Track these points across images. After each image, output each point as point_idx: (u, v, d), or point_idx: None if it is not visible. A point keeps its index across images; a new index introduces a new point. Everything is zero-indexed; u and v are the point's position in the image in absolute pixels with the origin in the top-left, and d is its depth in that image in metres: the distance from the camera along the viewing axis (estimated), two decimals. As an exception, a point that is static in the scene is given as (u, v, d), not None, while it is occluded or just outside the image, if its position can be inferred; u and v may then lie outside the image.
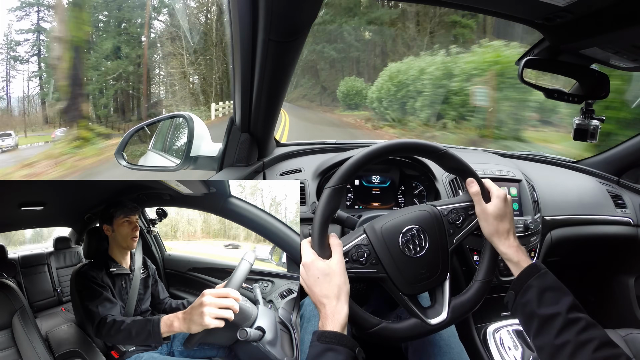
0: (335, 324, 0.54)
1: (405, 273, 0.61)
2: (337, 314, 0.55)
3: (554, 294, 0.58)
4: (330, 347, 0.52)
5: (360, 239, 0.62)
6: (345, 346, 0.53)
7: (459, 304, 0.63)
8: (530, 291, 0.59)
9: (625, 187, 1.28)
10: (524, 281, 0.60)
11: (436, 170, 1.03)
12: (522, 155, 1.33)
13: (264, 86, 0.77)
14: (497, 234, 0.63)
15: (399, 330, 0.60)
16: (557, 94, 0.86)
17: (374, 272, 0.61)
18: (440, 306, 0.62)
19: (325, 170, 1.01)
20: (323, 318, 0.56)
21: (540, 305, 0.57)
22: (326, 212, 0.61)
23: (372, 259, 0.61)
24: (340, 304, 0.56)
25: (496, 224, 0.63)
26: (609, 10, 0.59)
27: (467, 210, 0.65)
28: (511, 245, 0.63)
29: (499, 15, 0.73)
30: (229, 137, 0.98)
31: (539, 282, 0.59)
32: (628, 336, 0.92)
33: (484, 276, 0.65)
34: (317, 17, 0.63)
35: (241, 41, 0.66)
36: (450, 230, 0.64)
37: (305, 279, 0.60)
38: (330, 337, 0.53)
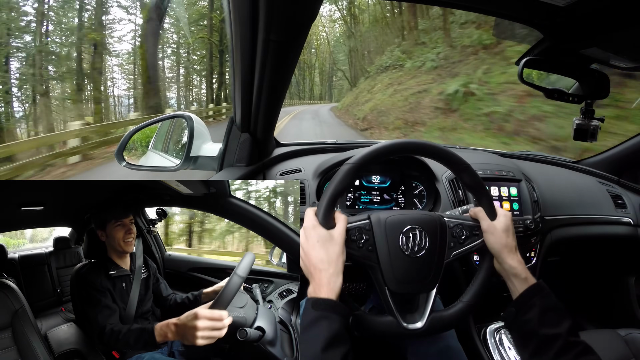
0: (330, 292, 0.54)
1: (396, 269, 0.60)
2: (333, 281, 0.55)
3: (556, 315, 0.58)
4: (325, 314, 0.52)
5: (363, 223, 0.62)
6: (340, 314, 0.53)
7: (438, 317, 0.62)
8: (533, 310, 0.58)
9: (625, 187, 1.28)
10: (528, 299, 0.59)
11: (436, 170, 1.03)
12: (522, 155, 1.33)
13: (264, 86, 0.77)
14: (507, 247, 0.63)
15: (373, 323, 0.60)
16: (557, 94, 0.86)
17: (367, 258, 0.61)
18: (420, 314, 0.61)
19: (325, 170, 1.01)
20: (317, 285, 0.55)
21: (541, 325, 0.57)
22: (340, 186, 0.60)
23: (368, 245, 0.61)
24: (337, 273, 0.56)
25: (504, 237, 0.63)
26: (609, 10, 0.59)
27: (472, 229, 0.65)
28: (520, 261, 0.63)
29: (499, 15, 0.73)
30: (229, 137, 0.98)
31: (542, 302, 0.59)
32: (628, 336, 0.92)
33: (470, 299, 0.64)
34: (317, 16, 0.63)
35: (241, 41, 0.66)
36: (451, 243, 0.64)
37: (303, 243, 0.59)
38: (325, 305, 0.53)
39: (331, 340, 0.50)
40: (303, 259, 0.59)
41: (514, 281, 0.62)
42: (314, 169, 1.02)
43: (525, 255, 1.04)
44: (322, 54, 43.67)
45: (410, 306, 0.63)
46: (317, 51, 42.87)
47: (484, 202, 0.66)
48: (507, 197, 1.04)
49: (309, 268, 0.57)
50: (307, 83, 45.41)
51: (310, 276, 0.57)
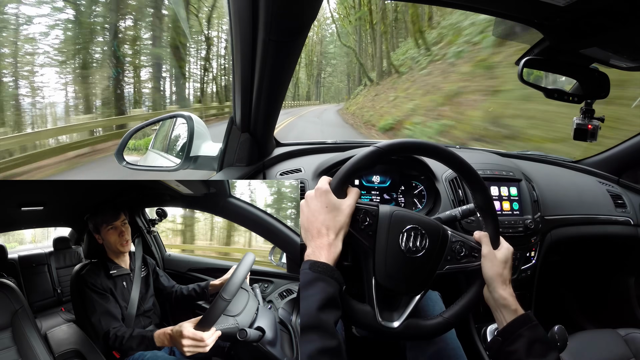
0: (330, 257, 0.54)
1: (388, 262, 0.60)
2: (334, 247, 0.55)
3: (543, 347, 0.57)
4: (322, 277, 0.52)
5: (371, 209, 0.62)
6: (336, 280, 0.53)
7: (414, 324, 0.61)
8: (520, 340, 0.58)
9: (625, 187, 1.28)
10: (515, 329, 0.59)
11: (436, 170, 1.03)
12: (522, 155, 1.33)
13: (264, 86, 0.77)
14: (501, 277, 0.62)
15: (351, 306, 0.59)
16: (557, 94, 0.86)
17: (365, 240, 0.61)
18: (398, 314, 0.61)
19: (325, 170, 1.01)
20: (317, 248, 0.55)
21: (528, 356, 0.56)
22: (359, 164, 0.60)
23: (369, 230, 0.61)
24: (338, 240, 0.56)
25: (501, 267, 0.63)
26: (609, 10, 0.59)
27: (472, 250, 0.65)
28: (511, 293, 0.63)
29: (499, 15, 0.73)
30: (229, 137, 0.98)
31: (530, 333, 0.58)
32: (628, 336, 0.92)
33: (450, 317, 0.63)
34: (317, 17, 0.63)
35: (241, 41, 0.66)
36: (448, 256, 0.63)
37: (311, 204, 0.59)
38: (323, 268, 0.53)
39: (326, 302, 0.50)
40: (307, 220, 0.58)
41: (502, 312, 0.62)
42: (314, 168, 1.02)
43: (525, 255, 1.04)
44: (309, 45, 37.90)
45: (390, 303, 0.63)
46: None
47: (490, 229, 0.66)
48: (507, 197, 1.04)
49: (311, 230, 0.57)
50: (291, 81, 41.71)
51: (311, 238, 0.57)
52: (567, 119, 1.02)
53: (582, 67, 0.84)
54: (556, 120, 3.59)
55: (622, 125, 2.20)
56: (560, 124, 3.46)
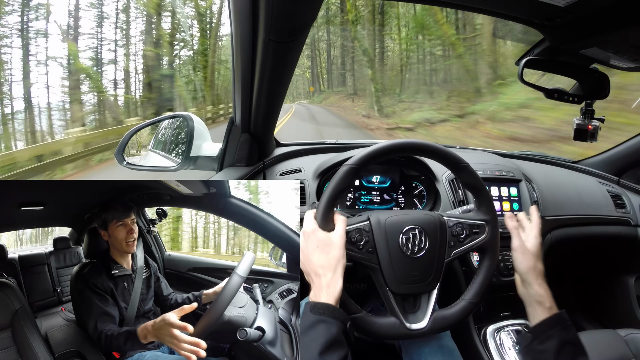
0: (329, 296, 0.54)
1: (397, 270, 0.60)
2: (332, 286, 0.55)
3: (574, 350, 0.57)
4: (322, 318, 0.52)
5: (363, 225, 0.62)
6: (338, 319, 0.53)
7: (440, 316, 0.62)
8: (551, 341, 0.57)
9: (625, 187, 1.28)
10: (548, 328, 0.58)
11: (436, 170, 1.03)
12: (522, 155, 1.33)
13: (264, 86, 0.77)
14: (534, 271, 0.62)
15: (376, 324, 0.60)
16: (557, 94, 0.86)
17: (368, 260, 0.61)
18: (422, 314, 0.61)
19: (325, 170, 1.01)
20: (317, 289, 0.55)
21: (558, 358, 0.56)
22: (338, 187, 0.60)
23: (369, 247, 0.61)
24: (336, 277, 0.56)
25: (534, 261, 0.62)
26: (609, 10, 0.59)
27: (472, 228, 0.65)
28: (546, 289, 0.62)
29: (499, 15, 0.73)
30: (229, 137, 0.98)
31: (562, 334, 0.57)
32: (628, 336, 0.91)
33: (472, 297, 0.64)
34: (317, 17, 0.63)
35: (241, 41, 0.66)
36: (451, 242, 0.64)
37: (303, 248, 0.59)
38: (323, 309, 0.53)
39: (328, 345, 0.50)
40: (303, 263, 0.59)
41: (537, 308, 0.61)
42: (314, 169, 1.02)
43: None
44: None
45: (412, 306, 0.63)
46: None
47: (483, 202, 0.66)
48: (507, 197, 1.04)
49: (310, 273, 0.57)
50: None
51: (311, 281, 0.57)
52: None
53: (582, 68, 0.84)
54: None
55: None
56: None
